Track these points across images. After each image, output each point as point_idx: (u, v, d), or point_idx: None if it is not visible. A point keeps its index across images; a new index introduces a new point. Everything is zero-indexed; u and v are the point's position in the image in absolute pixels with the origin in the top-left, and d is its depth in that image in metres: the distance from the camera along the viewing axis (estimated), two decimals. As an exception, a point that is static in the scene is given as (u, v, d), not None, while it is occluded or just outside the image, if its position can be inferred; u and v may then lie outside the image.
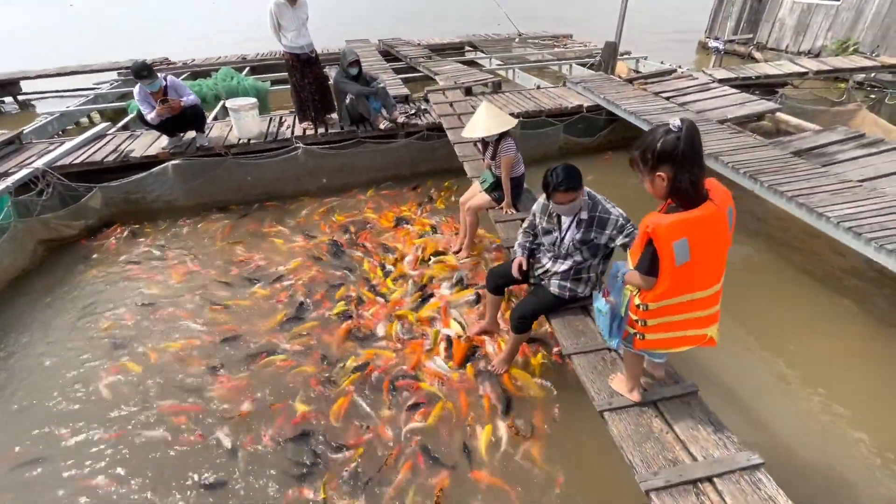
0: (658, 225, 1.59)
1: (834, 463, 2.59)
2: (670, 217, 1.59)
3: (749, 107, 5.61)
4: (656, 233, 1.59)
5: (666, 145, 1.51)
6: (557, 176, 2.34)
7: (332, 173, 5.59)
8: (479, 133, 3.58)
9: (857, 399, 2.92)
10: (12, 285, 4.09)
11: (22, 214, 4.32)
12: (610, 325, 1.96)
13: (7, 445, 2.78)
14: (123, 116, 6.92)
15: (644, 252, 1.68)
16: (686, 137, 1.50)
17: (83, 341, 3.51)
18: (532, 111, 6.15)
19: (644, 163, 1.58)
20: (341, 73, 5.27)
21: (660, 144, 1.52)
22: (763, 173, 4.00)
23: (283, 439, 2.74)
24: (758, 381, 3.08)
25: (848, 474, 2.53)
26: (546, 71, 10.19)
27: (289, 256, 4.38)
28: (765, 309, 3.68)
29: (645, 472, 1.86)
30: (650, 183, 1.62)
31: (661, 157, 1.53)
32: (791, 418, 2.84)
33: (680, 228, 1.57)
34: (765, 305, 3.71)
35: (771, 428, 2.77)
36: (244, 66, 9.58)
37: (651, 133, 1.58)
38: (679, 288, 1.69)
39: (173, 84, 4.91)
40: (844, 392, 2.96)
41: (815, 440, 2.71)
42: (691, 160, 1.51)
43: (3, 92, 9.28)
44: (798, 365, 3.18)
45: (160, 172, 5.01)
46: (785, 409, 2.90)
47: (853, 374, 3.11)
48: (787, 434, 2.74)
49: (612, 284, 1.93)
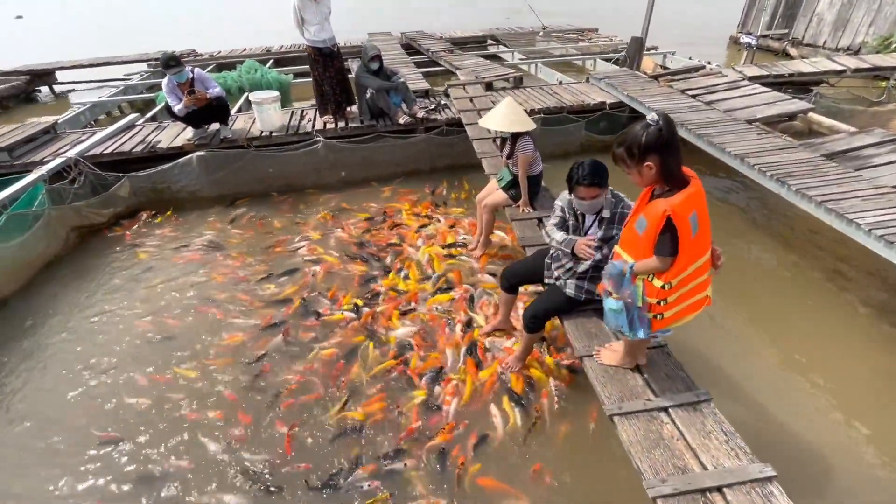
0: (675, 204, 1.72)
1: (851, 481, 2.52)
2: (679, 195, 1.73)
3: (780, 106, 5.42)
4: (676, 212, 1.72)
5: (650, 138, 1.67)
6: (583, 169, 2.33)
7: (351, 167, 5.65)
8: (493, 125, 3.57)
9: (881, 418, 2.83)
10: (45, 270, 4.27)
11: (55, 202, 4.50)
12: (629, 320, 1.98)
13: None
14: (152, 107, 7.11)
15: (663, 235, 1.78)
16: (666, 129, 1.68)
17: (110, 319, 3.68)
18: (553, 107, 6.07)
19: (631, 157, 1.74)
20: (362, 68, 5.30)
21: (644, 138, 1.68)
22: (791, 176, 3.87)
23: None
24: (776, 393, 3.01)
25: (866, 494, 2.46)
26: (570, 66, 10.03)
27: (316, 246, 4.48)
28: (786, 317, 3.58)
29: (653, 478, 1.84)
30: (637, 173, 1.79)
31: (647, 149, 1.69)
32: (808, 432, 2.76)
33: (690, 203, 1.74)
34: (786, 313, 3.62)
35: (786, 440, 2.71)
36: (268, 59, 9.72)
37: (632, 129, 1.74)
38: (692, 258, 1.83)
39: (200, 76, 5.02)
40: (867, 409, 2.87)
41: (833, 456, 2.64)
42: (675, 147, 1.71)
43: (39, 82, 9.66)
44: (819, 377, 3.09)
45: (185, 163, 5.14)
46: (803, 421, 2.83)
47: (877, 391, 3.01)
48: (802, 447, 2.67)
49: (618, 282, 1.94)
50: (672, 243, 1.77)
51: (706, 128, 4.89)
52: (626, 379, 2.33)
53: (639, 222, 1.86)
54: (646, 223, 1.82)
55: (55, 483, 2.58)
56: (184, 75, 4.84)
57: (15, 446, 2.80)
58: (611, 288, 1.98)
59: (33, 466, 2.68)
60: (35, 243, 4.21)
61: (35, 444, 2.80)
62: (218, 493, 2.51)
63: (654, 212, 1.77)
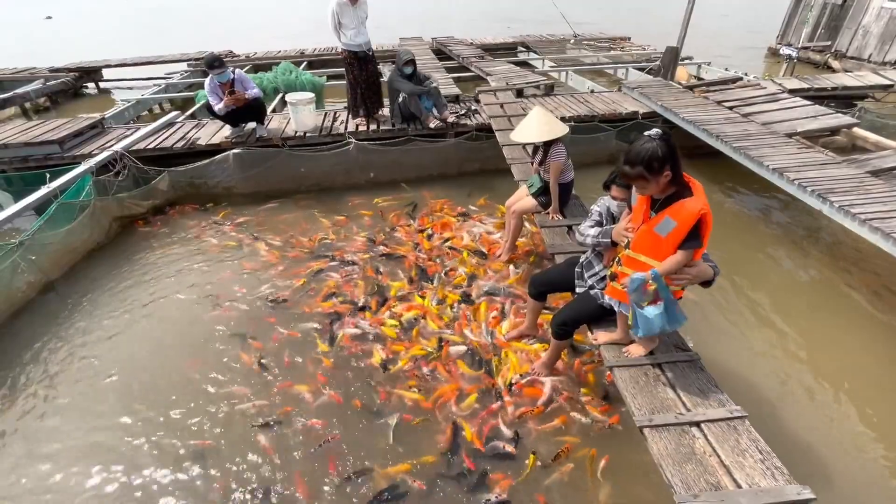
0: (705, 203, 1.92)
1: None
2: (701, 195, 1.94)
3: (822, 120, 5.26)
4: (707, 208, 1.92)
5: (664, 149, 1.84)
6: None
7: (380, 169, 5.73)
8: (529, 138, 3.57)
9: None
10: (88, 258, 4.47)
11: (100, 193, 4.71)
12: (669, 315, 2.09)
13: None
14: (191, 105, 7.37)
15: (694, 231, 1.95)
16: (671, 139, 1.87)
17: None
18: (584, 116, 6.04)
19: (651, 171, 1.86)
20: (396, 72, 5.38)
21: (660, 151, 1.83)
22: (833, 193, 3.74)
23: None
24: (816, 415, 2.91)
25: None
26: (601, 75, 9.95)
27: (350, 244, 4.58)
28: (826, 338, 3.46)
29: (685, 493, 1.81)
30: (656, 185, 1.90)
31: (665, 159, 1.84)
32: (849, 458, 2.66)
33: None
34: (827, 332, 3.50)
35: (825, 465, 2.62)
36: (302, 61, 9.96)
37: (641, 146, 1.86)
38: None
39: (240, 77, 5.19)
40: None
41: (875, 483, 2.53)
42: (678, 154, 1.88)
43: (87, 78, 10.13)
44: (861, 402, 2.97)
45: (222, 160, 5.31)
46: (845, 448, 2.72)
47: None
48: (842, 472, 2.57)
49: (650, 293, 2.06)
50: (701, 237, 1.96)
51: (743, 140, 4.78)
52: (656, 391, 2.30)
53: (662, 225, 1.97)
54: (674, 224, 1.94)
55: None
56: (226, 76, 5.01)
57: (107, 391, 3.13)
58: (638, 299, 2.08)
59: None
60: (81, 231, 4.41)
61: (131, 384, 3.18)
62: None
63: (687, 212, 1.91)
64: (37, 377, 3.26)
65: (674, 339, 2.60)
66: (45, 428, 2.91)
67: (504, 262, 4.20)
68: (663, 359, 2.47)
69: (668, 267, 2.02)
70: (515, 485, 2.52)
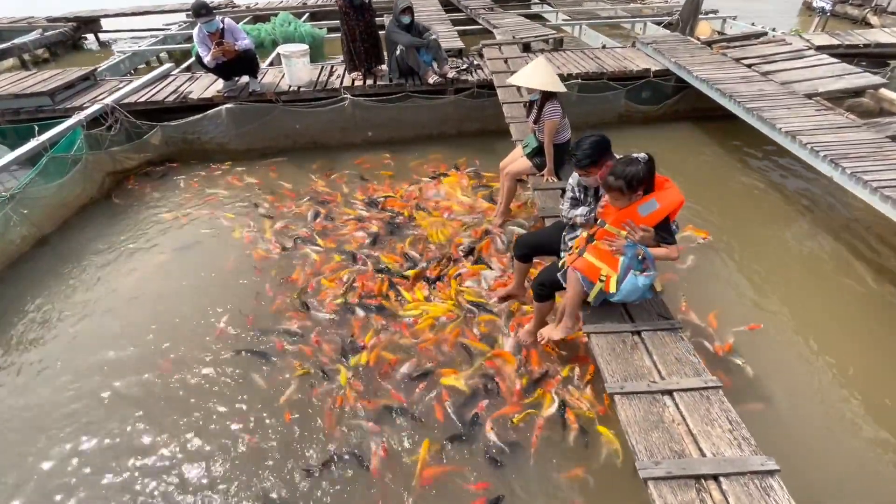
0: (683, 198, 2.24)
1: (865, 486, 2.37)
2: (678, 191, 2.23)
3: (847, 80, 4.90)
4: (683, 201, 2.25)
5: (645, 172, 2.11)
6: (579, 152, 2.35)
7: (377, 127, 5.56)
8: (521, 81, 3.41)
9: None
10: (80, 213, 4.48)
11: (92, 147, 4.66)
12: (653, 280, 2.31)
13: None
14: (189, 58, 7.16)
15: (666, 224, 2.26)
16: (653, 163, 2.15)
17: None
18: (593, 73, 5.72)
19: (630, 188, 2.12)
20: (393, 22, 5.11)
21: (642, 173, 2.10)
22: (846, 158, 3.52)
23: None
24: (805, 398, 2.84)
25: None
26: (617, 29, 9.38)
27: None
28: (834, 321, 3.35)
29: (647, 459, 1.79)
30: (628, 200, 2.17)
31: (642, 182, 2.13)
32: (819, 432, 2.61)
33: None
34: (834, 316, 3.38)
35: (796, 437, 2.56)
36: (304, 12, 9.55)
37: (628, 167, 2.10)
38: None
39: (230, 27, 4.97)
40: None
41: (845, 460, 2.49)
42: (654, 172, 2.18)
43: (85, 29, 9.88)
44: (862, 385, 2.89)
45: (215, 115, 5.19)
46: (820, 423, 2.67)
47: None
48: (813, 448, 2.53)
49: (641, 262, 2.24)
50: (672, 234, 2.29)
51: (757, 101, 4.49)
52: (632, 359, 2.26)
53: (647, 205, 2.17)
54: (658, 206, 2.17)
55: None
56: (214, 24, 4.80)
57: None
58: (635, 265, 2.23)
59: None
60: (73, 186, 4.40)
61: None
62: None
63: (670, 200, 2.18)
64: (31, 331, 3.33)
65: (657, 307, 2.53)
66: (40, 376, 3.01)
67: (498, 226, 4.10)
68: (644, 326, 2.41)
69: (655, 251, 2.24)
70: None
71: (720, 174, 4.96)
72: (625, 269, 2.25)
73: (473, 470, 2.40)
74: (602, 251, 2.32)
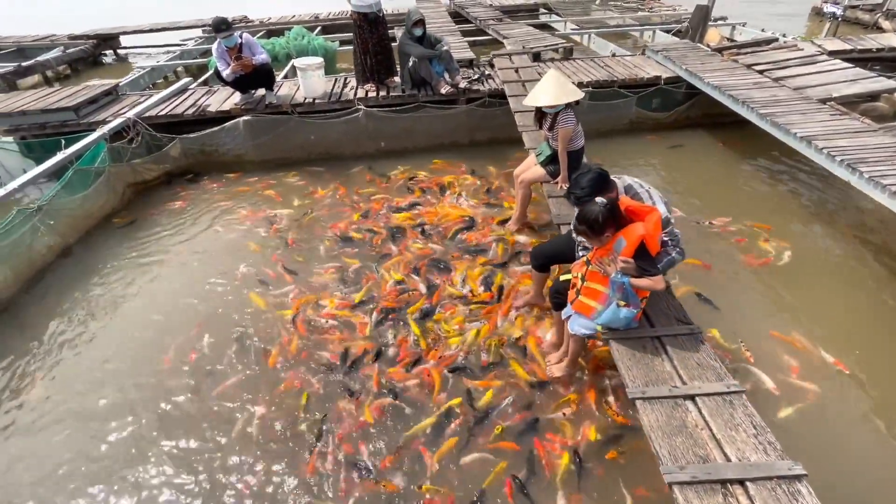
0: (648, 230, 2.20)
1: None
2: (648, 224, 2.20)
3: (862, 84, 4.88)
4: (649, 233, 2.20)
5: (605, 215, 2.13)
6: (580, 190, 2.32)
7: (390, 137, 5.64)
8: (543, 101, 3.41)
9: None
10: (103, 223, 4.59)
11: (114, 159, 4.79)
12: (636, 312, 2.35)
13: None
14: (205, 72, 7.34)
15: (644, 253, 2.23)
16: (615, 207, 2.19)
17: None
18: (603, 81, 5.76)
19: (593, 230, 2.17)
20: (406, 35, 5.21)
21: (601, 217, 2.13)
22: (864, 163, 3.50)
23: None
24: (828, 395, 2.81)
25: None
26: (626, 38, 9.44)
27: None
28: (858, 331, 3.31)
29: (671, 464, 1.79)
30: (598, 241, 2.22)
31: (605, 224, 2.15)
32: (846, 437, 2.58)
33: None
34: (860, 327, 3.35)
35: (824, 443, 2.54)
36: (316, 26, 9.75)
37: (588, 210, 2.15)
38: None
39: (248, 42, 5.11)
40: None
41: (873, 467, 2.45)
42: (620, 215, 2.22)
43: (105, 46, 10.18)
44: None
45: (232, 127, 5.31)
46: (851, 427, 2.64)
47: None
48: (842, 452, 2.50)
49: (624, 295, 2.28)
50: (654, 261, 2.27)
51: (770, 106, 4.49)
52: (653, 364, 2.26)
53: (617, 243, 2.21)
54: (625, 242, 2.19)
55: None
56: (233, 40, 4.93)
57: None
58: (617, 297, 2.28)
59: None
60: (96, 197, 4.52)
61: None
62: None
63: (633, 235, 2.19)
64: (58, 340, 3.41)
65: (676, 312, 2.53)
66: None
67: (514, 233, 4.13)
68: (663, 332, 2.42)
69: (637, 282, 2.24)
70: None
71: (733, 179, 4.96)
72: (608, 302, 2.31)
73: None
74: (596, 291, 2.33)
